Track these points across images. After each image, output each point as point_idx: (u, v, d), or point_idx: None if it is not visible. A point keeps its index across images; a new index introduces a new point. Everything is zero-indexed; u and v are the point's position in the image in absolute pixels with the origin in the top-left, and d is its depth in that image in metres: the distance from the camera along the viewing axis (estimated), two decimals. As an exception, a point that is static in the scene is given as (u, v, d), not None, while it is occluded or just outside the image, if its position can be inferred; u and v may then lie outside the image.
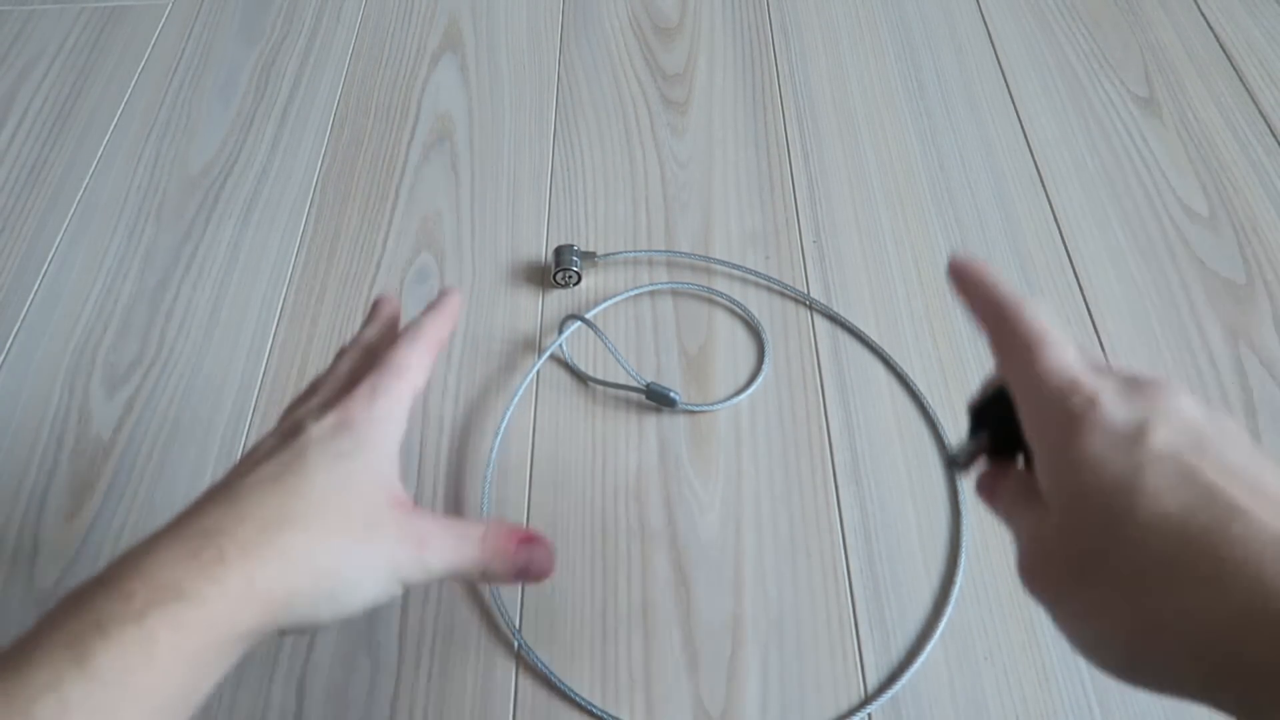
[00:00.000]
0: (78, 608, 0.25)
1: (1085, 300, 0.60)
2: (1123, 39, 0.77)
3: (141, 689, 0.24)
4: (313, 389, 0.35)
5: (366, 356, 0.36)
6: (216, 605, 0.26)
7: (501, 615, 0.49)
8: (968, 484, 0.53)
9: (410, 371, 0.33)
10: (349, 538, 0.28)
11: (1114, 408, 0.26)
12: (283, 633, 0.28)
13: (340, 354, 0.36)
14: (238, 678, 0.48)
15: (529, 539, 0.33)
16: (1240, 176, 0.67)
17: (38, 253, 0.66)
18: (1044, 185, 0.67)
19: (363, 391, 0.32)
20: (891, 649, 0.48)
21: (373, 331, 0.37)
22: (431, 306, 0.37)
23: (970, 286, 0.31)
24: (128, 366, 0.59)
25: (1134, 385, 0.27)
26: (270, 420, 0.57)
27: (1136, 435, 0.26)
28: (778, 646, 0.48)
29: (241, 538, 0.27)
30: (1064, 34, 0.77)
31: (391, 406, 0.32)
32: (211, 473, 0.55)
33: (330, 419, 0.31)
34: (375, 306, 0.39)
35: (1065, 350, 0.28)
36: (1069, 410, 0.27)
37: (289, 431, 0.31)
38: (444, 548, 0.31)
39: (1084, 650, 0.26)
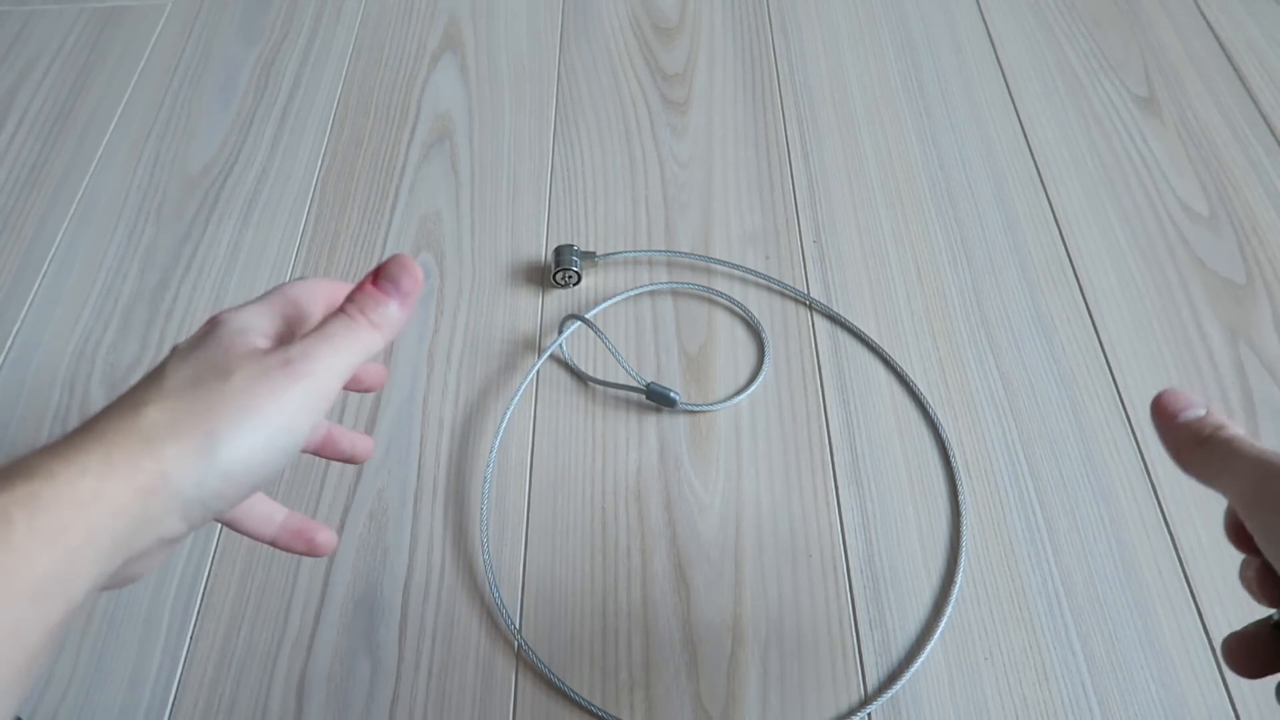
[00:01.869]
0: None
1: (1085, 300, 0.60)
2: (1123, 39, 0.77)
3: (1, 570, 0.23)
4: None
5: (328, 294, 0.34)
6: (74, 482, 0.24)
7: (502, 615, 0.49)
8: (967, 485, 0.53)
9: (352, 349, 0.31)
10: (207, 399, 0.27)
11: None
12: (186, 517, 0.27)
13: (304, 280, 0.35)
14: (238, 677, 0.48)
15: (381, 266, 0.31)
16: (1240, 176, 0.67)
17: (38, 253, 0.66)
18: (1044, 185, 0.67)
19: (245, 304, 0.32)
20: (891, 649, 0.48)
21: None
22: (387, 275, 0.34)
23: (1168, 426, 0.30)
24: (128, 367, 0.59)
25: None
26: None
27: None
28: (778, 646, 0.48)
29: (98, 428, 0.26)
30: (1064, 34, 0.77)
31: (272, 309, 0.31)
32: (211, 473, 0.55)
33: (199, 331, 0.31)
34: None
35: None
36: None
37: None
38: (313, 349, 0.29)
39: None
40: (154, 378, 0.28)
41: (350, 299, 0.30)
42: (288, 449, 0.28)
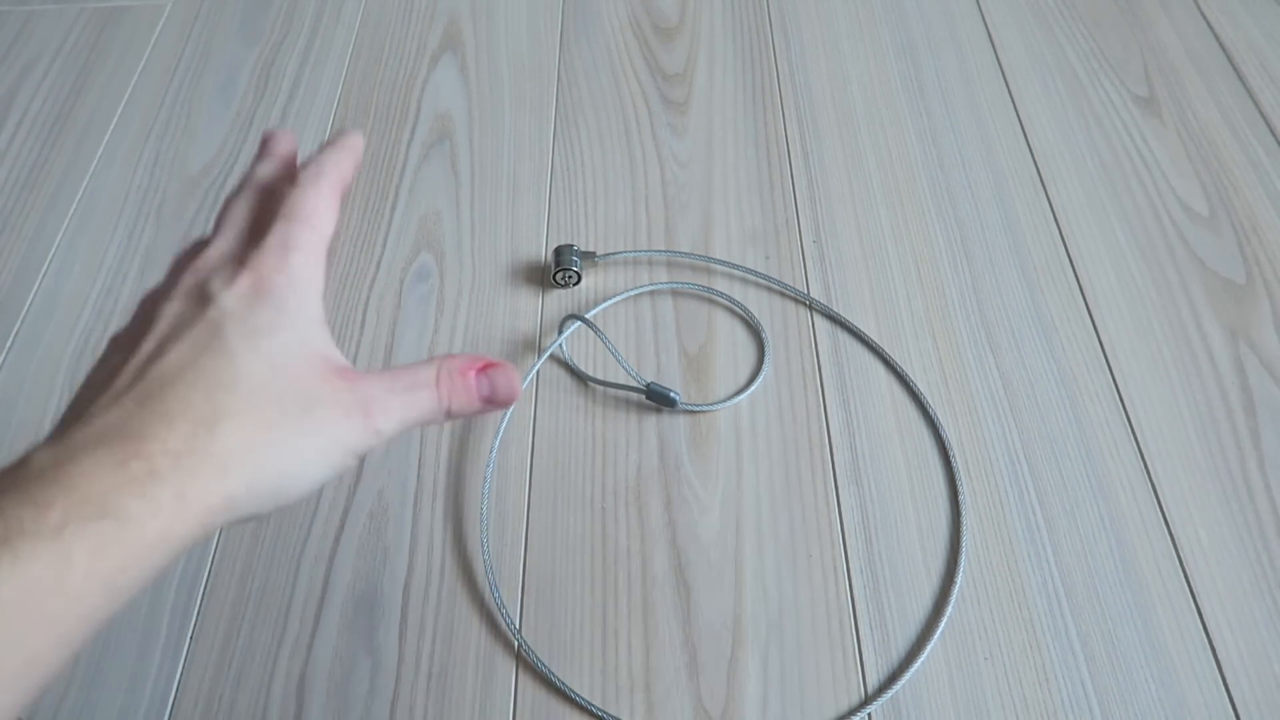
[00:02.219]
0: None
1: (1085, 300, 0.60)
2: (1123, 39, 0.77)
3: (48, 614, 0.21)
4: (205, 243, 0.30)
5: (263, 200, 0.31)
6: (146, 522, 0.23)
7: (502, 615, 0.49)
8: (967, 485, 0.53)
9: (318, 218, 0.30)
10: (287, 428, 0.26)
11: None
12: (227, 526, 0.27)
13: (229, 201, 0.32)
14: (238, 677, 0.48)
15: (486, 365, 0.31)
16: (1240, 176, 0.67)
17: (38, 253, 0.66)
18: (1044, 185, 0.67)
19: (272, 247, 0.28)
20: (891, 649, 0.48)
21: (266, 169, 0.33)
22: (329, 143, 0.33)
23: None
24: (128, 366, 0.59)
25: None
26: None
27: None
28: (778, 646, 0.48)
29: (173, 445, 0.24)
30: (1064, 34, 0.77)
31: (307, 261, 0.29)
32: (211, 473, 0.55)
33: (243, 284, 0.27)
34: (265, 142, 0.34)
35: None
36: None
37: (196, 298, 0.27)
38: (394, 407, 0.28)
39: None
40: (219, 366, 0.26)
41: (448, 374, 0.30)
42: (332, 480, 0.29)
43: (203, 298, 0.27)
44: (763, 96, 0.74)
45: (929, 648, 0.47)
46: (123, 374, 0.26)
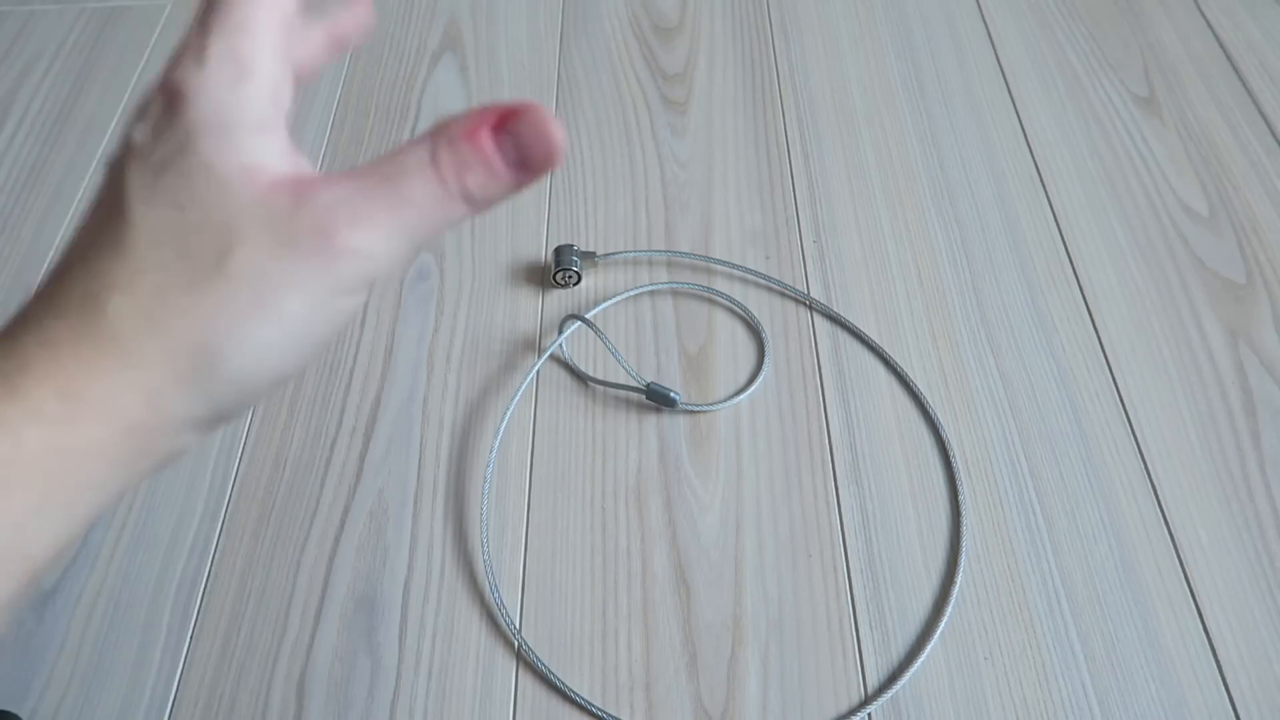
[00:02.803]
0: None
1: (1085, 300, 0.60)
2: (1123, 39, 0.77)
3: None
4: None
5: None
6: (19, 432, 0.18)
7: (502, 615, 0.49)
8: (967, 485, 0.53)
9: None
10: (201, 283, 0.19)
11: None
12: (197, 430, 0.20)
13: None
14: (238, 677, 0.48)
15: (504, 115, 0.20)
16: (1240, 176, 0.67)
17: (37, 253, 0.66)
18: (1044, 185, 0.67)
19: (190, 43, 0.21)
20: (891, 649, 0.48)
21: None
22: None
23: None
24: (128, 366, 0.59)
25: None
26: (267, 424, 0.57)
27: None
28: (778, 646, 0.48)
29: (53, 331, 0.19)
30: (1064, 34, 0.77)
31: (234, 45, 0.21)
32: (210, 473, 0.55)
33: (155, 108, 0.21)
34: None
35: None
36: None
37: (119, 147, 0.21)
38: (372, 213, 0.20)
39: None
40: (115, 226, 0.20)
41: (447, 144, 0.20)
42: (315, 348, 0.20)
43: (121, 144, 0.21)
44: (763, 96, 0.74)
45: (929, 648, 0.47)
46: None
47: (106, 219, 0.20)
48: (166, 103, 0.20)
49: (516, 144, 0.20)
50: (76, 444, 0.19)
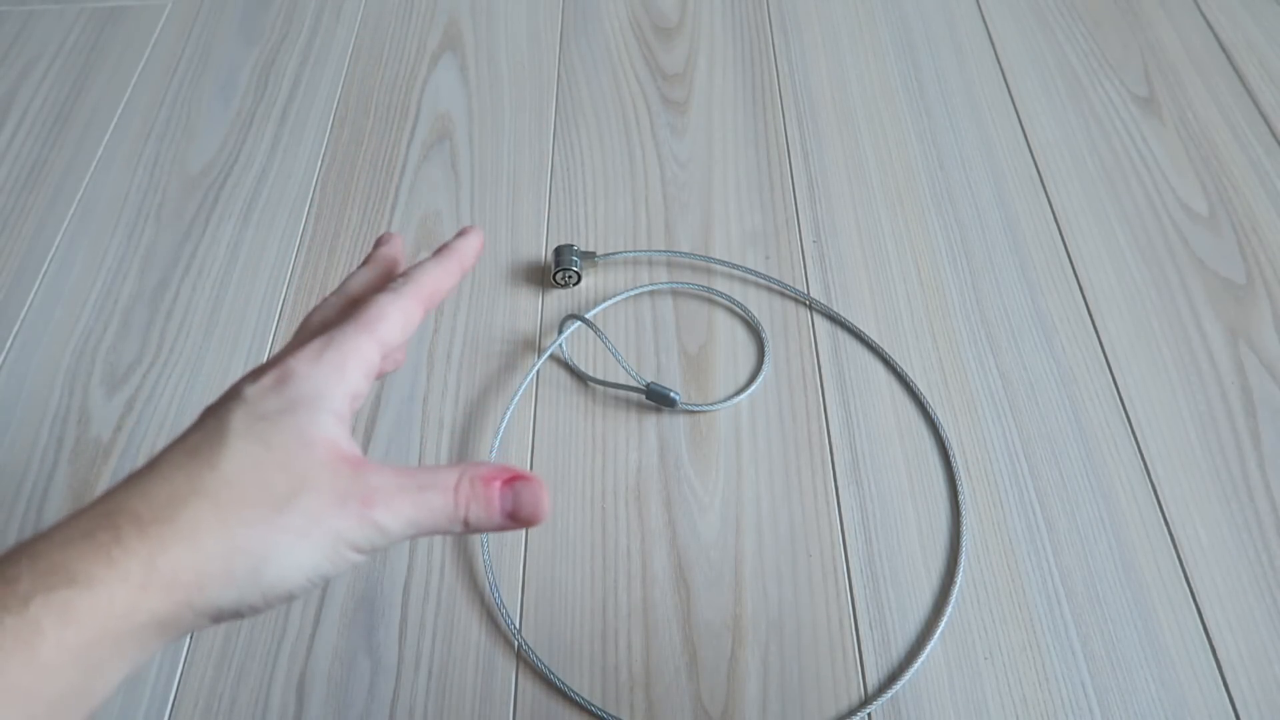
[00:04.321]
0: None
1: (1085, 300, 0.60)
2: (1123, 39, 0.77)
3: (22, 688, 0.21)
4: None
5: (346, 306, 0.31)
6: (112, 590, 0.22)
7: (502, 615, 0.49)
8: (968, 485, 0.53)
9: (382, 324, 0.29)
10: (266, 508, 0.25)
11: None
12: (216, 619, 0.25)
13: (321, 301, 0.33)
14: (238, 677, 0.48)
15: (514, 477, 0.28)
16: (1240, 176, 0.67)
17: (38, 253, 0.66)
18: (1044, 185, 0.67)
19: (313, 345, 0.28)
20: (891, 649, 0.48)
21: (362, 277, 0.33)
22: (443, 248, 0.33)
23: None
24: (127, 367, 0.59)
25: None
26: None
27: None
28: (778, 646, 0.48)
29: (143, 515, 0.23)
30: (1064, 34, 0.77)
31: (344, 359, 0.28)
32: (211, 473, 0.55)
33: (268, 378, 0.27)
34: (376, 244, 0.35)
35: None
36: None
37: (227, 395, 0.28)
38: (401, 503, 0.26)
39: None
40: (213, 446, 0.25)
41: (469, 481, 0.28)
42: (319, 580, 0.26)
43: (232, 394, 0.27)
44: (763, 96, 0.74)
45: (929, 648, 0.47)
46: (138, 467, 0.26)
47: (205, 442, 0.26)
48: (280, 376, 0.27)
49: (516, 500, 0.28)
50: (146, 609, 0.23)
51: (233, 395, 0.27)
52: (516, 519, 0.28)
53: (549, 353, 0.58)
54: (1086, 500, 0.52)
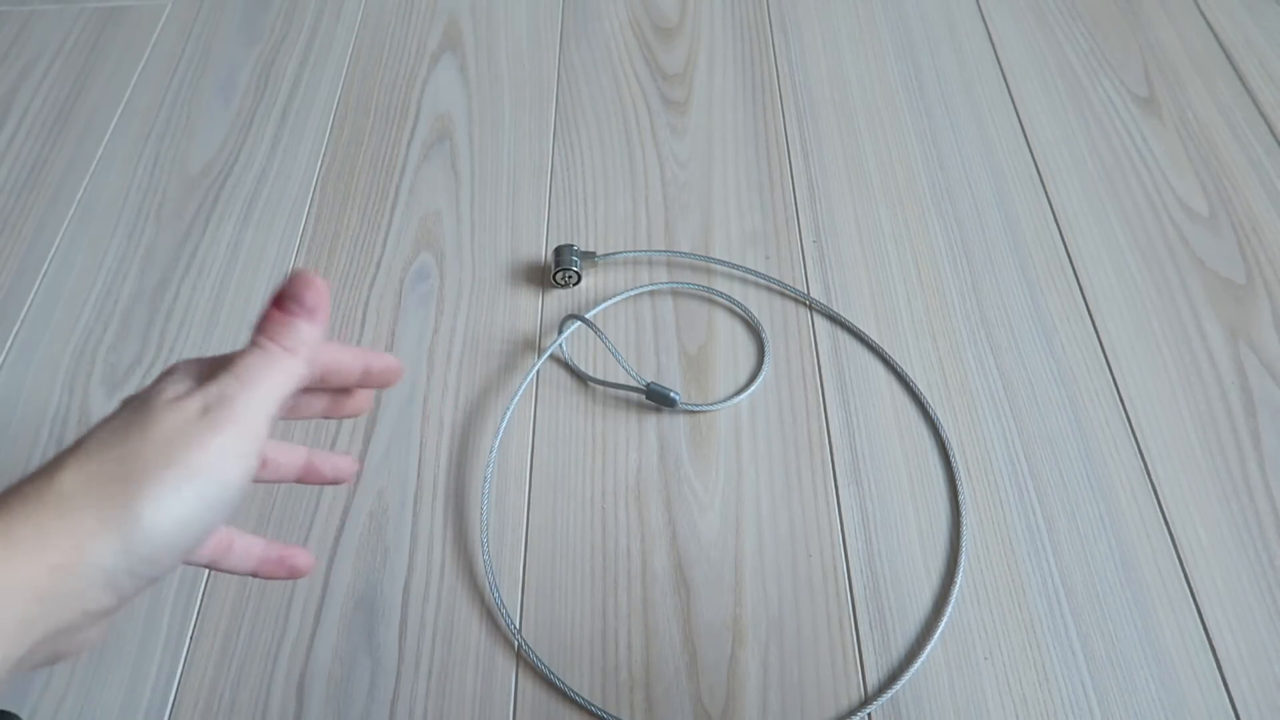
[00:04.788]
0: None
1: (1085, 300, 0.60)
2: (1123, 39, 0.77)
3: None
4: None
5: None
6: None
7: (502, 615, 0.49)
8: (968, 485, 0.53)
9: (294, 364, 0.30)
10: (133, 446, 0.25)
11: None
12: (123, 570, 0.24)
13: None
14: (238, 677, 0.48)
15: (280, 290, 0.29)
16: (1240, 176, 0.67)
17: (38, 253, 0.66)
18: (1044, 185, 0.67)
19: (216, 365, 0.29)
20: (891, 649, 0.48)
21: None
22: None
23: None
24: (128, 366, 0.59)
25: None
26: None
27: None
28: (778, 646, 0.48)
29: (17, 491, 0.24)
30: (1064, 34, 0.77)
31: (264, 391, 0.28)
32: (211, 473, 0.55)
33: (176, 377, 0.28)
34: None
35: None
36: None
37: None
38: (236, 394, 0.27)
39: None
40: (83, 437, 0.26)
41: (259, 328, 0.28)
42: (221, 502, 0.26)
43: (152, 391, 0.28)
44: (763, 96, 0.74)
45: (929, 648, 0.47)
46: None
47: (81, 437, 0.26)
48: (163, 372, 0.28)
49: (292, 296, 0.29)
50: (9, 576, 0.22)
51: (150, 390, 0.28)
52: (304, 306, 0.29)
53: (549, 353, 0.58)
54: (1086, 500, 0.52)
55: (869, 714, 0.46)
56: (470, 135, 0.72)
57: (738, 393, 0.57)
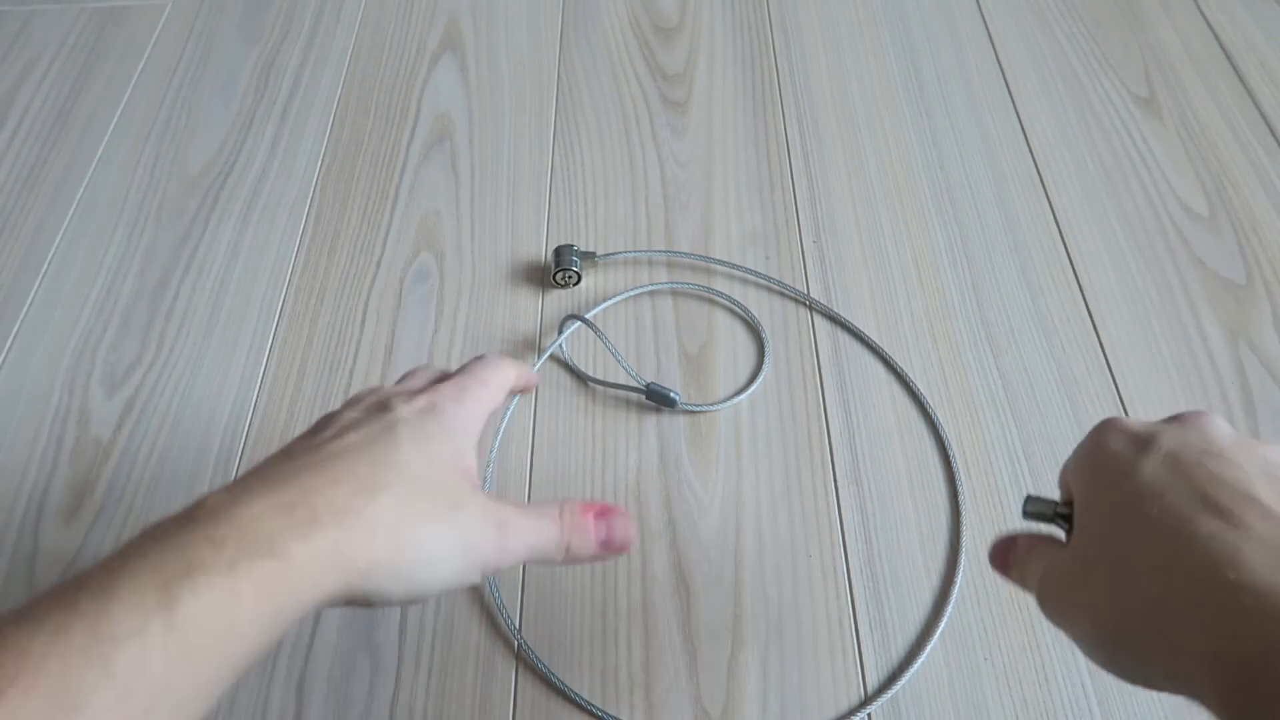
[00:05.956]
0: (163, 546, 0.23)
1: (1085, 300, 0.60)
2: (1123, 39, 0.77)
3: (219, 648, 0.23)
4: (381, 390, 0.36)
5: (441, 376, 0.36)
6: (304, 566, 0.24)
7: (502, 615, 0.49)
8: (967, 485, 0.53)
9: (493, 386, 0.34)
10: (434, 513, 0.28)
11: (1133, 421, 0.29)
12: (349, 602, 0.27)
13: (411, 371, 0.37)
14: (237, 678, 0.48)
15: (605, 510, 0.33)
16: (1240, 176, 0.67)
17: (37, 253, 0.66)
18: (1044, 185, 0.67)
19: (449, 387, 0.33)
20: (891, 649, 0.48)
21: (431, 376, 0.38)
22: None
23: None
24: (128, 366, 0.59)
25: (1168, 418, 0.30)
26: (268, 421, 0.57)
27: (1148, 438, 0.28)
28: (778, 646, 0.48)
29: (335, 500, 0.26)
30: (1064, 34, 0.77)
31: (475, 405, 0.33)
32: (210, 473, 0.55)
33: (420, 403, 0.31)
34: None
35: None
36: (1096, 432, 0.30)
37: (376, 407, 0.31)
38: (524, 529, 0.30)
39: (1081, 644, 0.28)
40: (388, 449, 0.29)
41: (569, 511, 0.32)
42: (455, 588, 0.30)
43: (383, 408, 0.31)
44: (763, 96, 0.74)
45: (929, 648, 0.47)
46: (300, 448, 0.29)
47: (378, 443, 0.29)
48: (430, 406, 0.31)
49: (609, 529, 0.32)
50: (321, 585, 0.25)
51: (385, 408, 0.31)
52: (609, 547, 0.32)
53: (549, 353, 0.58)
54: (1086, 500, 0.52)
55: (869, 714, 0.46)
56: (470, 135, 0.72)
57: (738, 393, 0.57)
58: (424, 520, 0.28)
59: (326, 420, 0.32)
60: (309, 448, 0.29)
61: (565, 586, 0.50)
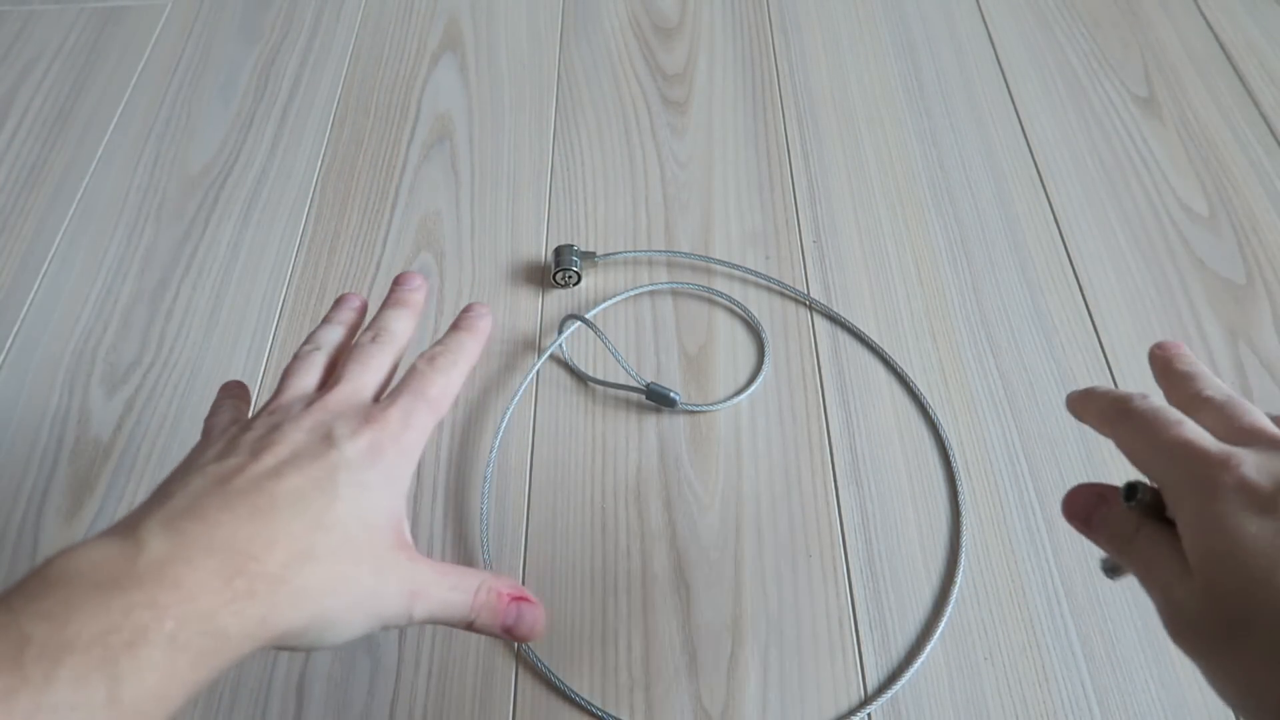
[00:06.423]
0: (108, 608, 0.24)
1: (1085, 300, 0.60)
2: (1123, 39, 0.77)
3: (151, 713, 0.24)
4: (299, 356, 0.37)
5: (329, 367, 0.36)
6: (236, 640, 0.25)
7: (501, 615, 0.49)
8: (967, 485, 0.53)
9: (442, 402, 0.34)
10: (356, 581, 0.29)
11: (1252, 470, 0.26)
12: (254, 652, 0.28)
13: (308, 354, 0.37)
14: (237, 678, 0.48)
15: (521, 598, 0.33)
16: (1240, 176, 0.67)
17: (37, 253, 0.66)
18: (1044, 185, 0.67)
19: (396, 416, 0.32)
20: (891, 649, 0.48)
21: (334, 336, 0.39)
22: (462, 325, 0.37)
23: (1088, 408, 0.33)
24: (127, 366, 0.60)
25: (1276, 448, 0.27)
26: (270, 420, 0.57)
27: (1274, 498, 0.25)
28: (778, 646, 0.48)
29: (269, 568, 0.26)
30: (1064, 34, 0.77)
31: (418, 440, 0.32)
32: (211, 473, 0.55)
33: (364, 441, 0.31)
34: (337, 305, 0.40)
35: (1190, 425, 0.29)
36: (1206, 476, 0.27)
37: (321, 436, 0.31)
38: (434, 599, 0.30)
39: (1236, 710, 0.26)
40: (326, 517, 0.28)
41: (488, 589, 0.32)
42: (354, 640, 0.30)
43: (327, 438, 0.30)
44: (763, 96, 0.74)
45: (929, 648, 0.47)
46: (239, 478, 0.28)
47: (318, 493, 0.29)
48: (373, 447, 0.31)
49: (517, 617, 0.33)
50: (245, 650, 0.26)
51: (329, 440, 0.30)
52: (513, 633, 0.33)
53: (549, 353, 0.58)
54: (1086, 500, 0.52)
55: (869, 714, 0.46)
56: (470, 135, 0.72)
57: (738, 393, 0.57)
58: (344, 590, 0.28)
59: (267, 429, 0.31)
60: (248, 481, 0.28)
61: (565, 586, 0.50)
